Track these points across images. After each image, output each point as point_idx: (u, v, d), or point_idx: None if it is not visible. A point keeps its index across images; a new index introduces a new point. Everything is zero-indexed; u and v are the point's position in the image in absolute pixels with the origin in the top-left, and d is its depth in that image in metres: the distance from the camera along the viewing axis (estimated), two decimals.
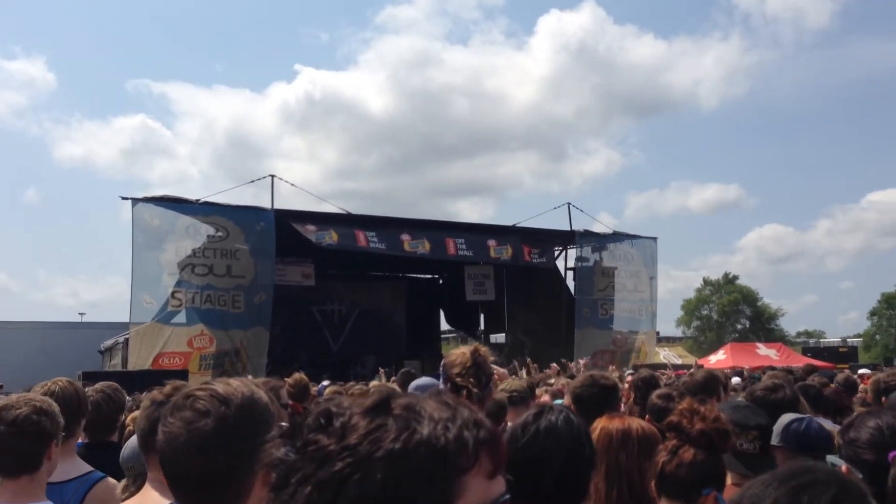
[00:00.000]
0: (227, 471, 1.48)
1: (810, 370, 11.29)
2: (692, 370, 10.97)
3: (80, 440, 3.31)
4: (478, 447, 0.88)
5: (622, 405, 5.00)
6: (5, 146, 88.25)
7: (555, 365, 9.21)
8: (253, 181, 21.52)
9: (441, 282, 30.48)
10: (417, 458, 0.84)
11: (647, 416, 3.60)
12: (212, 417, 1.50)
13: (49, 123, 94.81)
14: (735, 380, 10.93)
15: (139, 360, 17.61)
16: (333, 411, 0.89)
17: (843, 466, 1.93)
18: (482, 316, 29.40)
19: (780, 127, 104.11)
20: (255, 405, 1.56)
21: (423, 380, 4.10)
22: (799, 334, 69.68)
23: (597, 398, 3.55)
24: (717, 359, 26.07)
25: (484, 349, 3.05)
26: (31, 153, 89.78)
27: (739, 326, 67.51)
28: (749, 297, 67.54)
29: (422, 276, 30.65)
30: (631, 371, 12.51)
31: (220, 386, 1.57)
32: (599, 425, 2.64)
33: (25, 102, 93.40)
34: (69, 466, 2.94)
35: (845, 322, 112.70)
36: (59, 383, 3.07)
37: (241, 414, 1.52)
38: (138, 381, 11.47)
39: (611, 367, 15.72)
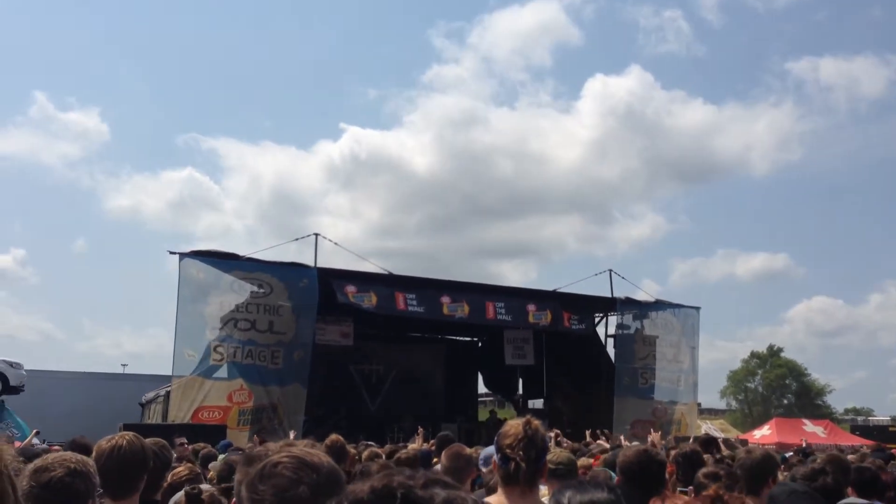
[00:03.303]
0: None
1: (878, 450, 10.85)
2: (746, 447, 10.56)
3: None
4: None
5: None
6: (59, 197, 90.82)
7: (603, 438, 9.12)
8: (297, 239, 21.81)
9: (480, 345, 30.23)
10: None
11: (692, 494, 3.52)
12: (305, 485, 1.58)
13: (101, 175, 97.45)
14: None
15: (179, 414, 17.69)
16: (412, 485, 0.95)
17: None
18: (521, 381, 29.05)
19: (832, 197, 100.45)
20: (338, 472, 1.68)
21: (489, 449, 4.40)
22: (847, 411, 67.51)
23: (649, 475, 3.49)
24: (762, 434, 25.39)
25: (536, 422, 3.02)
26: (83, 204, 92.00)
27: (785, 401, 65.72)
28: (795, 371, 65.87)
29: (461, 338, 30.46)
30: (668, 445, 12.16)
31: (301, 453, 1.67)
32: None
33: (79, 154, 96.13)
34: None
35: (895, 400, 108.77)
36: (127, 437, 3.10)
37: (329, 481, 1.62)
38: (178, 434, 11.50)
39: (652, 434, 15.28)
